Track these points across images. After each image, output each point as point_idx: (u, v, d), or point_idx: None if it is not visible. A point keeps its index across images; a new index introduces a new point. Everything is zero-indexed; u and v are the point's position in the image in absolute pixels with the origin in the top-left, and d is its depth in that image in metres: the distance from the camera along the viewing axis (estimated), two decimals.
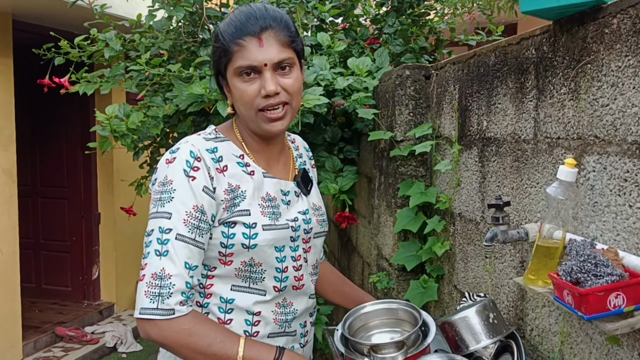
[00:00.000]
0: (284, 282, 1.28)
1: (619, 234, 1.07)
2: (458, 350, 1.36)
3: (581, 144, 1.18)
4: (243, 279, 1.25)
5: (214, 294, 1.25)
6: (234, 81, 1.24)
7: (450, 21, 3.24)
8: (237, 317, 1.25)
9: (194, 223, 1.17)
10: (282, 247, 1.27)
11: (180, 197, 1.17)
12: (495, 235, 1.26)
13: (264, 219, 1.24)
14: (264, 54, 1.20)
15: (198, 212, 1.17)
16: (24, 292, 4.37)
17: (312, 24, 3.02)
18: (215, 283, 1.25)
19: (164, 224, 1.16)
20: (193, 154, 1.20)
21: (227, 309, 1.25)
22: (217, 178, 1.21)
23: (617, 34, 1.07)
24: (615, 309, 0.95)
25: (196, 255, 1.18)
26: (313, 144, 2.63)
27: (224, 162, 1.24)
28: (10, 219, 4.16)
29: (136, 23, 2.92)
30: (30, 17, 4.19)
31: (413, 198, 2.04)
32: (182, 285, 1.15)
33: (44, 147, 5.35)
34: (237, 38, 1.21)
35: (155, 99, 2.66)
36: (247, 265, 1.24)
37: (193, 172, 1.18)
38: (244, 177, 1.25)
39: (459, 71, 1.84)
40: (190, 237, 1.17)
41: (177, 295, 1.14)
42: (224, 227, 1.21)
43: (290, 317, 1.32)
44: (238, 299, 1.25)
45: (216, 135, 1.29)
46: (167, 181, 1.18)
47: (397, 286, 2.20)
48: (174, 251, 1.15)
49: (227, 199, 1.21)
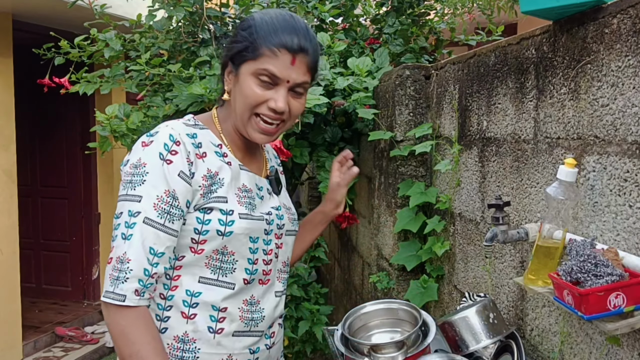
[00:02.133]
0: (253, 275, 1.26)
1: (619, 234, 1.07)
2: (458, 350, 1.36)
3: (581, 144, 1.18)
4: (212, 270, 1.22)
5: (180, 287, 1.22)
6: (248, 78, 1.22)
7: (450, 21, 3.24)
8: (202, 312, 1.22)
9: (164, 208, 1.15)
10: (257, 238, 1.26)
11: (152, 180, 1.16)
12: (495, 235, 1.26)
13: (241, 208, 1.23)
14: (291, 73, 1.22)
15: (170, 197, 1.16)
16: (24, 292, 4.36)
17: (312, 24, 3.02)
18: (182, 274, 1.22)
19: (133, 207, 1.15)
20: (172, 137, 1.19)
21: (192, 303, 1.22)
22: (196, 163, 1.20)
23: (617, 34, 1.07)
24: (615, 309, 0.95)
25: (164, 241, 1.16)
26: (313, 144, 2.64)
27: (203, 148, 1.23)
28: (10, 219, 4.15)
29: (136, 23, 2.92)
30: (30, 17, 4.19)
31: (413, 198, 2.04)
32: (140, 272, 1.13)
33: (44, 147, 5.34)
34: (273, 45, 1.20)
35: (155, 99, 2.66)
36: (218, 254, 1.22)
37: (170, 156, 1.17)
38: (223, 166, 1.24)
39: (459, 71, 1.84)
40: (159, 222, 1.15)
41: (132, 281, 1.12)
42: (200, 213, 1.19)
43: (257, 316, 1.29)
44: (205, 293, 1.22)
45: (195, 123, 1.28)
46: (140, 164, 1.17)
47: (397, 286, 2.20)
48: (139, 235, 1.13)
49: (204, 184, 1.20)
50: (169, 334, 1.22)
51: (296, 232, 1.43)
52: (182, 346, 1.21)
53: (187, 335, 1.21)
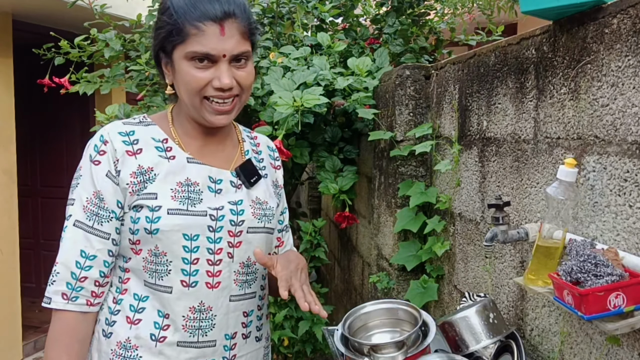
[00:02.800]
0: (193, 277, 1.16)
1: (619, 234, 1.07)
2: (458, 350, 1.36)
3: (581, 144, 1.18)
4: (150, 274, 1.16)
5: (129, 290, 1.18)
6: (182, 64, 1.13)
7: (450, 21, 3.24)
8: (146, 317, 1.16)
9: (92, 210, 1.14)
10: (195, 236, 1.15)
11: (83, 183, 1.16)
12: (495, 235, 1.26)
13: (173, 203, 1.15)
14: (224, 44, 1.12)
15: (97, 198, 1.14)
16: (24, 292, 4.36)
17: (312, 24, 3.02)
18: (130, 277, 1.19)
19: (68, 211, 1.16)
20: (102, 138, 1.18)
21: (139, 307, 1.17)
22: (123, 161, 1.16)
23: (617, 34, 1.07)
24: (615, 309, 0.95)
25: (94, 244, 1.13)
26: (313, 144, 2.64)
27: (139, 145, 1.18)
28: (10, 219, 4.15)
29: (136, 23, 2.92)
30: (30, 17, 4.19)
31: (413, 198, 2.04)
32: (67, 274, 1.13)
33: (44, 147, 5.35)
34: (196, 20, 1.10)
35: (155, 99, 2.66)
36: (152, 255, 1.15)
37: (99, 157, 1.16)
38: (160, 161, 1.18)
39: (459, 71, 1.84)
40: (88, 225, 1.14)
41: (59, 284, 1.13)
42: (132, 212, 1.15)
43: (206, 324, 1.18)
44: (151, 297, 1.17)
45: (141, 120, 1.24)
46: (80, 167, 1.19)
47: (397, 286, 2.20)
48: (68, 238, 1.14)
49: (133, 182, 1.15)
50: (113, 339, 1.18)
51: (267, 229, 1.27)
52: (124, 353, 1.16)
53: (129, 342, 1.17)
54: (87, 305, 1.15)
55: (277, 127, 2.30)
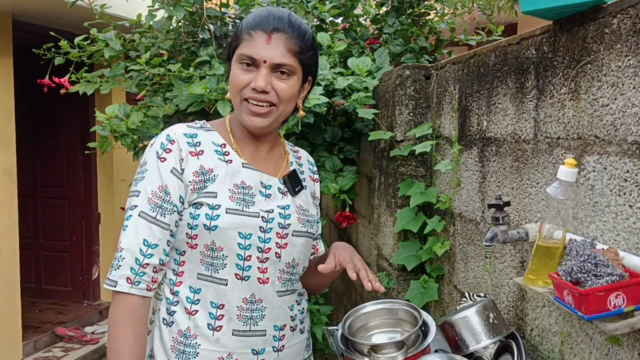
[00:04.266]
0: (246, 271, 1.26)
1: (619, 234, 1.07)
2: (458, 350, 1.36)
3: (581, 144, 1.18)
4: (206, 267, 1.26)
5: (184, 282, 1.27)
6: (234, 66, 1.28)
7: (450, 21, 3.23)
8: (202, 309, 1.26)
9: (157, 202, 1.23)
10: (249, 234, 1.25)
11: (149, 177, 1.24)
12: (495, 235, 1.26)
13: (231, 203, 1.25)
14: (267, 52, 1.24)
15: (162, 192, 1.23)
16: (24, 292, 4.36)
17: (312, 24, 3.02)
18: (185, 270, 1.27)
19: (132, 202, 1.24)
20: (169, 137, 1.27)
21: (195, 299, 1.26)
22: (187, 160, 1.26)
23: (617, 34, 1.07)
24: (615, 309, 0.95)
25: (157, 234, 1.22)
26: (313, 143, 2.64)
27: (201, 147, 1.29)
28: (10, 219, 4.15)
29: (136, 23, 2.92)
30: (30, 17, 4.19)
31: (413, 198, 2.04)
32: (131, 260, 1.20)
33: (44, 147, 5.34)
34: (250, 28, 1.25)
35: (155, 99, 2.66)
36: (209, 250, 1.25)
37: (165, 154, 1.25)
38: (219, 163, 1.28)
39: (459, 71, 1.84)
40: (151, 215, 1.22)
41: (124, 269, 1.20)
42: (192, 208, 1.24)
43: (257, 315, 1.28)
44: (204, 290, 1.26)
45: (202, 126, 1.34)
46: (144, 162, 1.27)
47: (397, 286, 2.20)
48: (133, 227, 1.22)
49: (195, 180, 1.25)
50: (174, 328, 1.26)
51: (309, 234, 1.37)
52: (185, 341, 1.25)
53: (189, 331, 1.25)
54: (147, 290, 1.23)
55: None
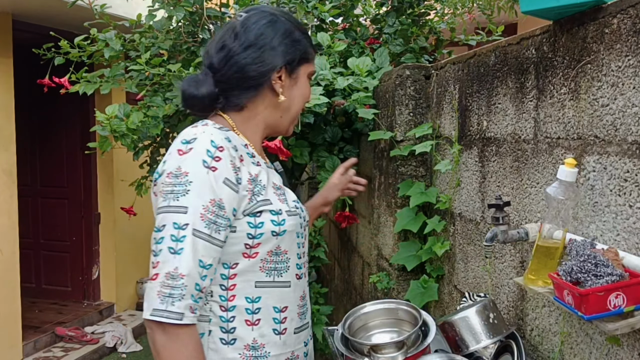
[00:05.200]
0: (301, 269, 1.28)
1: (619, 234, 1.07)
2: (458, 350, 1.36)
3: (581, 144, 1.18)
4: (267, 273, 1.20)
5: (238, 295, 1.18)
6: (304, 80, 1.31)
7: (450, 21, 3.23)
8: (265, 316, 1.20)
9: (210, 218, 1.09)
10: (299, 233, 1.27)
11: (197, 189, 1.09)
12: (495, 235, 1.26)
13: (284, 206, 1.22)
14: None
15: (215, 206, 1.10)
16: (24, 292, 4.35)
17: (312, 24, 3.02)
18: (238, 282, 1.18)
19: (179, 219, 1.08)
20: (214, 143, 1.13)
21: (255, 309, 1.19)
22: (239, 167, 1.15)
23: (617, 34, 1.07)
24: (615, 309, 0.95)
25: (212, 253, 1.11)
26: (313, 144, 2.64)
27: (239, 152, 1.19)
28: (10, 219, 4.15)
29: (136, 23, 2.92)
30: (30, 17, 4.19)
31: (413, 198, 2.04)
32: (192, 287, 1.08)
33: (44, 147, 5.34)
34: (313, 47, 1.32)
35: (155, 99, 2.66)
36: (272, 255, 1.20)
37: (214, 163, 1.11)
38: (256, 168, 1.21)
39: (459, 71, 1.84)
40: (206, 234, 1.09)
41: (187, 298, 1.07)
42: (250, 218, 1.16)
43: (305, 309, 1.31)
44: (264, 297, 1.20)
45: (221, 127, 1.21)
46: (181, 173, 1.10)
47: (397, 286, 2.20)
48: (189, 249, 1.07)
49: (250, 188, 1.16)
50: (239, 344, 1.18)
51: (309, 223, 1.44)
52: (254, 353, 1.19)
53: (256, 342, 1.19)
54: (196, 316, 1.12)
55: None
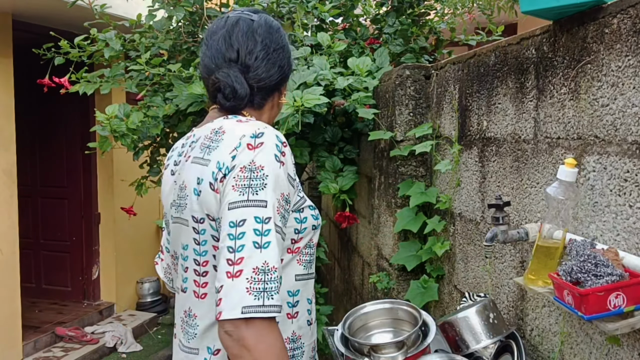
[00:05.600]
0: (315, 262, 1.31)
1: (619, 234, 1.07)
2: (458, 350, 1.36)
3: (581, 144, 1.18)
4: (304, 265, 1.24)
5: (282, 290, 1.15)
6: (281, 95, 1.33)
7: (450, 21, 3.24)
8: (301, 309, 1.24)
9: (282, 212, 1.10)
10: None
11: (272, 184, 1.08)
12: (495, 235, 1.26)
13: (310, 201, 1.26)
14: None
15: (284, 200, 1.11)
16: (24, 292, 4.35)
17: (312, 24, 3.02)
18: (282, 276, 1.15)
19: (261, 213, 1.05)
20: (279, 138, 1.13)
21: (295, 302, 1.22)
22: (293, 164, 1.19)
23: (617, 34, 1.07)
24: (615, 309, 0.95)
25: (282, 247, 1.11)
26: (313, 143, 2.64)
27: None
28: (10, 219, 4.15)
29: (136, 23, 2.92)
30: (30, 17, 4.19)
31: (413, 198, 2.04)
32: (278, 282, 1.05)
33: (44, 147, 5.34)
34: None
35: (155, 99, 2.66)
36: (307, 247, 1.24)
37: (282, 158, 1.11)
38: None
39: (459, 71, 1.84)
40: (280, 227, 1.09)
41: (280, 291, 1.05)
42: (296, 214, 1.19)
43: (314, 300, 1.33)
44: (302, 289, 1.24)
45: None
46: (256, 167, 1.08)
47: (397, 286, 2.20)
48: (275, 243, 1.05)
49: (296, 185, 1.18)
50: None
51: None
52: (293, 345, 1.21)
53: (295, 334, 1.21)
54: None
55: (277, 127, 2.30)
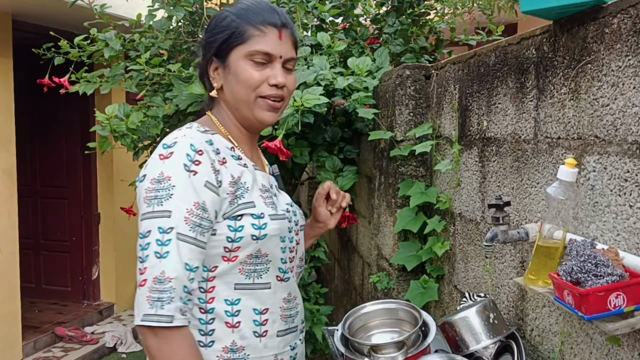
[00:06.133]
0: (286, 273, 1.27)
1: (619, 234, 1.07)
2: (458, 350, 1.36)
3: (581, 144, 1.18)
4: (247, 275, 1.21)
5: (217, 297, 1.20)
6: (241, 63, 1.22)
7: (450, 21, 3.24)
8: (245, 318, 1.21)
9: (195, 221, 1.12)
10: (284, 237, 1.26)
11: (180, 193, 1.11)
12: (495, 235, 1.26)
13: (269, 209, 1.21)
14: (282, 47, 1.24)
15: (199, 209, 1.12)
16: (24, 292, 4.35)
17: (312, 24, 3.02)
18: (217, 285, 1.20)
19: (163, 224, 1.10)
20: (194, 147, 1.15)
21: (234, 311, 1.20)
22: (220, 170, 1.17)
23: (618, 34, 1.07)
24: (615, 309, 0.95)
25: (197, 255, 1.13)
26: (313, 143, 2.63)
27: (222, 154, 1.20)
28: (10, 219, 4.15)
29: (136, 23, 2.92)
30: (30, 17, 4.19)
31: (413, 198, 2.03)
32: (181, 290, 1.10)
33: (44, 147, 5.34)
34: (259, 24, 1.22)
35: (155, 99, 2.66)
36: (252, 258, 1.20)
37: (194, 167, 1.13)
38: (241, 169, 1.22)
39: (459, 71, 1.84)
40: (191, 236, 1.11)
41: (177, 300, 1.09)
42: (230, 221, 1.17)
43: (293, 312, 1.30)
44: (244, 299, 1.21)
45: (205, 130, 1.24)
46: (164, 178, 1.12)
47: (397, 286, 2.20)
48: (175, 252, 1.09)
49: (231, 191, 1.17)
50: (217, 346, 1.19)
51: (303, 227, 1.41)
52: (232, 355, 1.20)
53: (235, 344, 1.20)
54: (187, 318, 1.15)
55: (277, 127, 2.30)
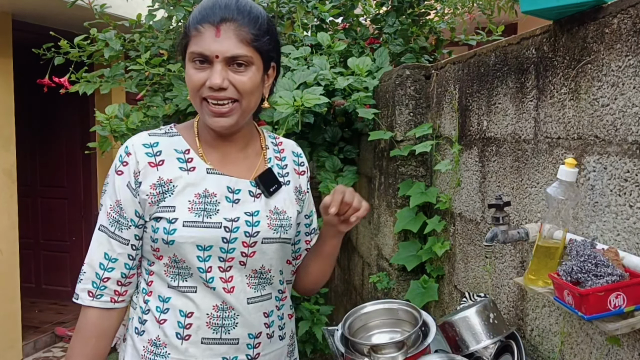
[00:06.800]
0: (210, 283, 1.20)
1: (619, 234, 1.07)
2: (458, 350, 1.36)
3: (581, 144, 1.18)
4: (172, 277, 1.22)
5: (154, 292, 1.25)
6: (187, 66, 1.20)
7: (450, 21, 3.24)
8: (171, 318, 1.22)
9: (114, 217, 1.22)
10: (209, 246, 1.19)
11: (108, 191, 1.24)
12: (495, 235, 1.26)
13: (189, 215, 1.18)
14: (218, 45, 1.15)
15: (118, 207, 1.22)
16: (23, 292, 4.35)
17: (312, 24, 3.02)
18: (154, 280, 1.25)
19: (99, 216, 1.25)
20: (127, 149, 1.23)
21: (164, 308, 1.23)
22: (145, 173, 1.20)
23: (618, 34, 1.07)
24: (615, 309, 0.95)
25: (116, 248, 1.22)
26: (313, 144, 2.63)
27: (162, 157, 1.22)
28: (10, 219, 4.15)
29: (136, 23, 2.92)
30: (30, 17, 4.19)
31: (413, 198, 2.04)
32: (92, 274, 1.23)
33: (44, 147, 5.34)
34: (197, 23, 1.16)
35: (155, 98, 2.66)
36: (172, 261, 1.21)
37: (122, 167, 1.22)
38: (180, 173, 1.21)
39: (459, 71, 1.84)
40: (110, 230, 1.22)
41: (85, 283, 1.24)
42: (153, 222, 1.21)
43: (229, 323, 1.22)
44: (174, 299, 1.22)
45: (167, 131, 1.27)
46: (108, 174, 1.26)
47: (397, 286, 2.20)
48: (95, 241, 1.24)
49: (153, 193, 1.20)
50: (145, 337, 1.25)
51: (283, 240, 1.28)
52: (155, 350, 1.23)
53: (158, 340, 1.23)
54: (111, 302, 1.25)
55: (277, 127, 2.30)
